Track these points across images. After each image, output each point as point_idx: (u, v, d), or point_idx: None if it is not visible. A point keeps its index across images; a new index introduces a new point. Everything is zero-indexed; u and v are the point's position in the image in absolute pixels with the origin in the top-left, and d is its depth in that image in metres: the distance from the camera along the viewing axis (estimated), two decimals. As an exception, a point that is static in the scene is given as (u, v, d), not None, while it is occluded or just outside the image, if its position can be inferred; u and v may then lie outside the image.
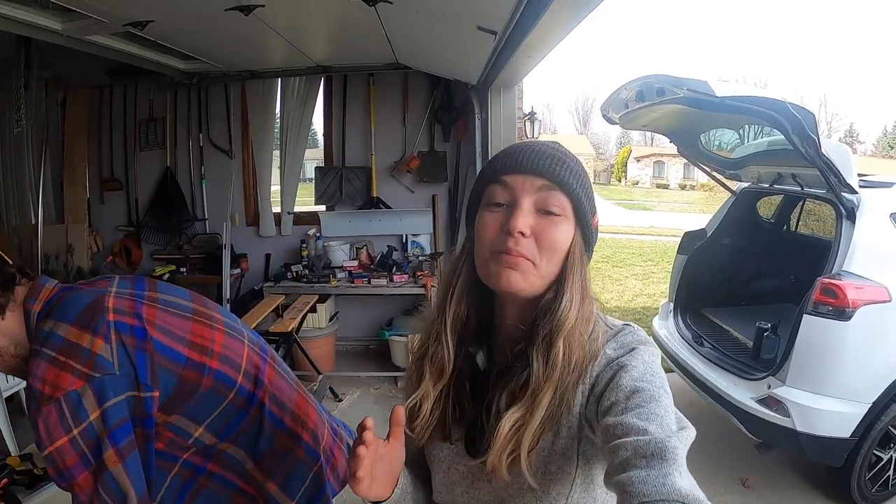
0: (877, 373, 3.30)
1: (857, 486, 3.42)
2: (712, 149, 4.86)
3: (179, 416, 1.32)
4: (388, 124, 5.75)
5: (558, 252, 0.95)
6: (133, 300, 1.30)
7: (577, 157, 0.99)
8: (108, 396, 1.17)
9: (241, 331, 1.51)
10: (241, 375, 1.40)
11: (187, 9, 3.33)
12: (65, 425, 1.14)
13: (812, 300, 3.29)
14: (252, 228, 6.01)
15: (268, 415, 1.44)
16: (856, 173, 3.48)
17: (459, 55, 4.35)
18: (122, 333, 1.22)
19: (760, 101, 3.12)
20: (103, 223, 6.00)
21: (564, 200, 0.94)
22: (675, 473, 0.72)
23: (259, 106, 5.72)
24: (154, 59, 4.73)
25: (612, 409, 0.85)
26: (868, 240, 3.41)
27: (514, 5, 2.59)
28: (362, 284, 5.26)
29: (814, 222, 5.84)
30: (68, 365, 1.16)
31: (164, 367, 1.26)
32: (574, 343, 0.93)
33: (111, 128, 5.89)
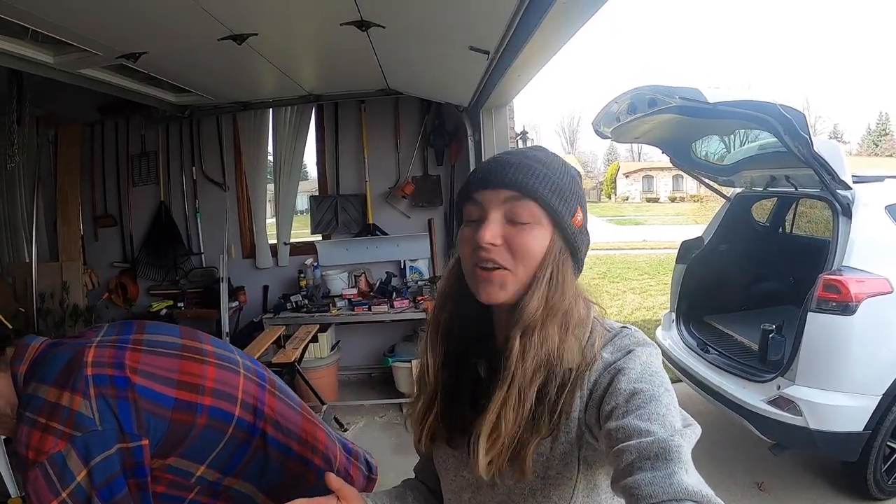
0: (885, 364, 3.31)
1: (873, 479, 3.42)
2: (705, 157, 4.92)
3: (177, 458, 1.29)
4: (380, 151, 5.77)
5: (533, 258, 0.94)
6: (115, 348, 1.28)
7: (554, 159, 0.99)
8: (94, 454, 1.15)
9: (236, 360, 1.48)
10: (239, 407, 1.37)
11: (180, 39, 3.33)
12: (53, 489, 1.13)
13: (815, 297, 3.31)
14: (249, 260, 5.99)
15: (272, 443, 1.41)
16: (849, 169, 3.52)
17: (451, 77, 4.40)
18: (100, 387, 1.20)
19: (752, 104, 3.18)
20: (98, 260, 5.99)
21: (533, 207, 0.94)
22: (680, 472, 0.72)
23: (251, 137, 5.74)
24: (146, 93, 4.72)
25: (613, 413, 0.85)
26: (865, 234, 3.45)
27: (506, 24, 2.61)
28: (363, 312, 5.24)
29: (806, 224, 5.90)
30: (50, 427, 1.15)
31: (152, 413, 1.23)
32: (537, 341, 0.91)
33: (104, 164, 5.90)
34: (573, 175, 0.99)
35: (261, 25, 3.12)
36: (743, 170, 4.63)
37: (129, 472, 1.19)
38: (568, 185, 0.96)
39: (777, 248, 5.14)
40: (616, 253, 16.26)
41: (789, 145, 3.22)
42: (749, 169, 4.58)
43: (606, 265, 13.86)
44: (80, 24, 2.96)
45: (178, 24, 3.00)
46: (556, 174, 0.96)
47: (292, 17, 3.13)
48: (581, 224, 0.98)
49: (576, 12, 2.27)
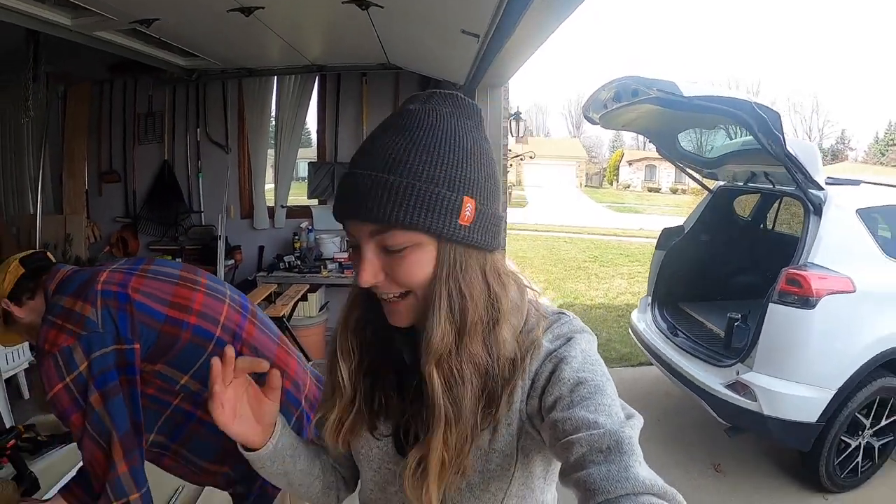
0: (842, 360, 3.46)
1: (825, 471, 3.58)
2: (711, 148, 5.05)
3: (164, 365, 1.55)
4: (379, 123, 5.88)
5: (421, 282, 0.85)
6: (124, 273, 1.57)
7: (420, 141, 0.82)
8: (94, 350, 1.41)
9: (224, 292, 1.74)
10: (220, 329, 1.62)
11: (191, 8, 3.46)
12: (59, 374, 1.40)
13: (777, 290, 3.47)
14: (246, 221, 6.19)
15: None
16: (822, 171, 3.67)
17: (447, 56, 4.52)
18: (106, 299, 1.47)
19: (727, 100, 3.30)
20: (101, 214, 6.17)
21: (402, 234, 0.82)
22: (635, 465, 0.70)
23: (256, 103, 5.89)
24: (156, 56, 4.88)
25: (558, 403, 0.82)
26: (833, 234, 3.57)
27: (493, 10, 2.75)
28: (352, 275, 5.39)
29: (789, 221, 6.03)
30: (64, 327, 1.43)
31: (145, 324, 1.50)
32: (457, 369, 0.85)
33: (111, 121, 6.06)
34: (454, 151, 0.82)
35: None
36: (726, 164, 4.76)
37: (121, 369, 1.44)
38: (444, 177, 0.81)
39: (757, 242, 5.29)
40: (611, 239, 16.50)
41: (763, 142, 3.35)
42: (732, 163, 4.71)
43: (600, 249, 14.07)
44: None
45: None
46: (422, 172, 0.80)
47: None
48: (472, 218, 0.83)
49: (554, 7, 2.40)
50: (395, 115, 0.86)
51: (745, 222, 5.53)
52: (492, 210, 0.86)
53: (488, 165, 0.87)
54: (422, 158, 0.80)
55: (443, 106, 0.86)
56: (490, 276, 0.88)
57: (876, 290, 3.54)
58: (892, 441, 3.76)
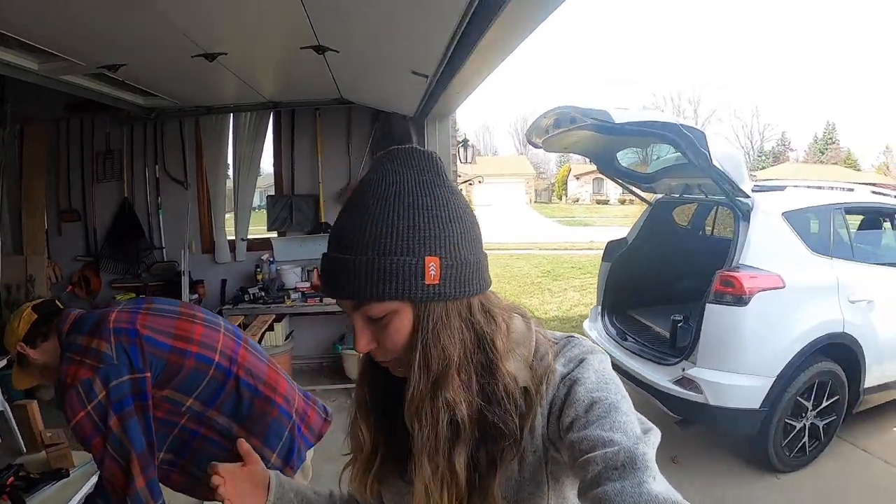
0: (777, 350, 3.79)
1: (774, 452, 3.89)
2: (634, 165, 5.40)
3: (171, 390, 1.79)
4: (333, 155, 6.12)
5: (404, 341, 0.89)
6: (131, 312, 1.81)
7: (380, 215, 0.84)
8: (111, 380, 1.65)
9: (219, 324, 2.00)
10: (218, 355, 1.87)
11: (157, 54, 3.58)
12: (82, 404, 1.63)
13: (713, 290, 3.80)
14: (208, 255, 6.25)
15: (244, 384, 1.90)
16: (748, 180, 4.02)
17: (397, 92, 4.76)
18: (118, 335, 1.72)
19: (655, 124, 3.62)
20: (62, 254, 6.13)
21: (377, 305, 0.86)
22: (649, 480, 0.72)
23: (213, 139, 6.02)
24: (117, 96, 4.97)
25: (574, 424, 0.84)
26: (761, 236, 3.92)
27: (441, 54, 3.01)
28: (315, 303, 5.58)
29: (730, 225, 6.40)
30: (83, 362, 1.67)
31: (154, 355, 1.75)
32: (431, 416, 0.87)
33: (69, 160, 6.05)
34: (409, 216, 0.84)
35: (230, 46, 3.43)
36: (663, 178, 5.11)
37: (136, 395, 1.68)
38: (400, 245, 0.83)
39: (697, 248, 5.57)
40: (563, 253, 16.92)
41: (691, 159, 3.68)
42: (668, 177, 5.06)
43: (552, 264, 14.44)
44: (67, 37, 3.18)
45: (157, 42, 3.26)
46: (379, 246, 0.83)
47: (258, 40, 3.46)
48: (439, 275, 0.85)
49: (499, 47, 2.69)
50: (356, 191, 0.90)
51: (685, 230, 5.87)
52: (460, 260, 0.87)
53: (450, 216, 0.87)
54: (378, 232, 0.83)
55: (397, 168, 0.88)
56: (477, 321, 0.91)
57: (804, 283, 3.90)
58: (836, 420, 4.10)
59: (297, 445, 1.97)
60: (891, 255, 4.78)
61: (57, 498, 2.22)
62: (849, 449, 4.32)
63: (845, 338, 3.96)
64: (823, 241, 4.17)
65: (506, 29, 2.40)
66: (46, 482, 2.29)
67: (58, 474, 2.34)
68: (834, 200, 4.44)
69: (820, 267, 4.00)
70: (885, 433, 4.58)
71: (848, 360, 4.04)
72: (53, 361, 1.78)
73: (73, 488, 2.29)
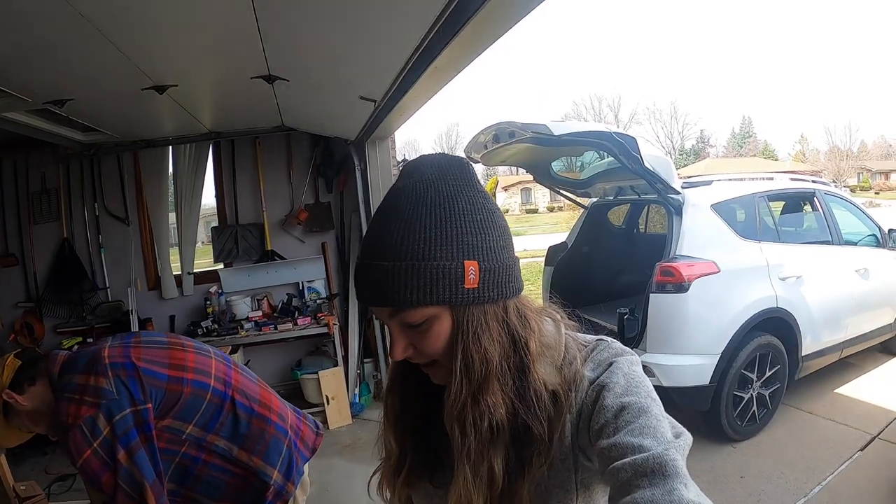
0: (719, 329, 4.12)
1: (727, 423, 4.23)
2: (568, 172, 5.68)
3: (172, 419, 1.83)
4: (275, 181, 6.15)
5: (443, 346, 0.89)
6: (122, 346, 1.84)
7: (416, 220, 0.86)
8: (115, 414, 1.68)
9: (209, 350, 2.07)
10: (213, 380, 1.93)
11: (107, 88, 3.51)
12: (87, 442, 1.65)
13: (654, 281, 4.09)
14: (154, 292, 6.12)
15: (239, 405, 1.96)
16: (677, 178, 4.31)
17: (342, 117, 4.85)
18: (115, 369, 1.75)
19: (591, 133, 3.90)
20: (1, 301, 5.86)
21: (416, 312, 0.86)
22: (680, 487, 0.71)
23: (153, 173, 5.93)
24: (56, 132, 4.82)
25: (604, 431, 0.83)
26: (694, 228, 4.25)
27: (391, 80, 3.15)
28: (270, 332, 5.61)
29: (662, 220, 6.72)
30: (83, 400, 1.69)
31: (152, 385, 1.78)
32: (474, 420, 0.87)
33: (3, 202, 5.81)
34: (446, 221, 0.86)
35: (181, 78, 3.44)
36: (596, 183, 5.42)
37: (139, 427, 1.71)
38: (440, 251, 0.84)
39: (633, 245, 5.96)
40: (500, 263, 17.05)
41: (625, 163, 3.97)
42: (601, 182, 5.37)
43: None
44: (18, 71, 3.05)
45: (107, 75, 3.20)
46: (419, 252, 0.84)
47: (210, 71, 3.49)
48: (478, 279, 0.86)
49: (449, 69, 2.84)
50: (388, 198, 0.90)
51: (621, 230, 6.21)
52: (497, 263, 0.89)
53: (486, 221, 0.89)
54: (416, 237, 0.84)
55: (429, 174, 0.89)
56: (513, 323, 0.92)
57: (736, 266, 4.25)
58: (780, 388, 4.47)
59: (295, 460, 2.04)
60: (812, 235, 5.21)
61: None
62: (795, 413, 4.73)
63: (780, 312, 4.34)
64: (751, 227, 4.54)
65: (462, 48, 2.50)
66: None
67: None
68: (757, 190, 4.82)
69: (750, 251, 4.37)
70: (826, 395, 5.04)
71: (785, 332, 4.42)
72: (44, 406, 1.77)
73: None
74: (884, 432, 4.28)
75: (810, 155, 52.94)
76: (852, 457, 4.01)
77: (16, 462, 2.63)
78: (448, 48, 2.45)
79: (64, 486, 4.41)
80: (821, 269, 4.79)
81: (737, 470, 3.98)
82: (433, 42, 2.49)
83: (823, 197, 5.31)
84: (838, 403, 4.90)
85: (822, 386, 5.16)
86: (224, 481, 1.93)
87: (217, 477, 1.92)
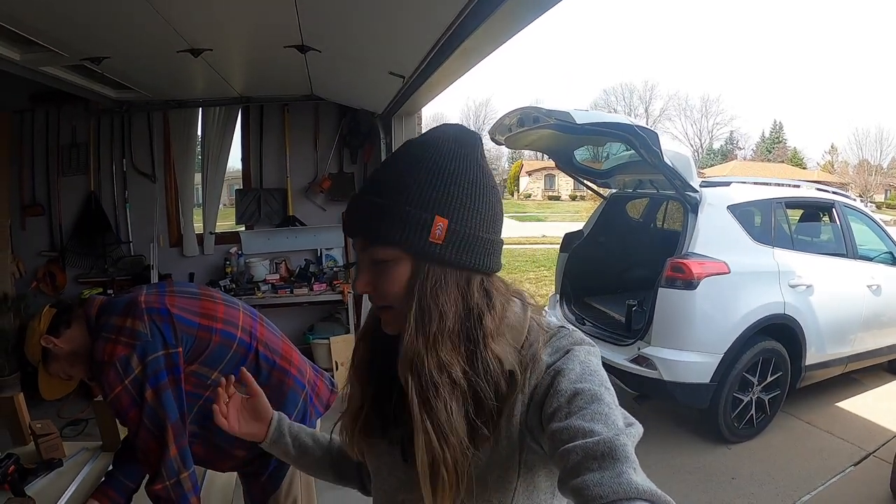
0: (724, 329, 4.15)
1: (724, 423, 4.27)
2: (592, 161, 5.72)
3: (199, 365, 1.91)
4: (301, 149, 6.24)
5: (398, 293, 0.92)
6: (158, 294, 1.92)
7: (413, 164, 0.91)
8: (148, 355, 1.76)
9: (237, 303, 2.13)
10: (240, 331, 2.00)
11: (143, 48, 3.58)
12: (119, 378, 1.73)
13: (664, 276, 4.13)
14: (175, 249, 6.25)
15: (262, 357, 2.03)
16: (696, 176, 4.33)
17: (370, 90, 4.91)
18: (152, 314, 1.82)
19: (613, 125, 3.93)
20: (26, 249, 5.97)
21: (382, 249, 0.91)
22: (629, 471, 0.71)
23: (181, 133, 6.02)
24: (87, 87, 4.87)
25: (556, 414, 0.83)
26: (708, 227, 4.27)
27: (423, 56, 3.18)
28: (286, 295, 5.74)
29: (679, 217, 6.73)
30: (119, 340, 1.76)
31: (184, 331, 1.85)
32: (428, 372, 0.89)
33: (33, 153, 5.96)
34: (434, 174, 0.90)
35: (216, 43, 3.50)
36: (617, 174, 5.45)
37: (169, 369, 1.79)
38: (417, 198, 0.89)
39: (649, 240, 5.94)
40: (516, 247, 17.17)
41: (645, 157, 4.00)
42: (622, 173, 5.40)
43: (506, 258, 14.32)
44: (56, 27, 3.13)
45: (145, 36, 3.27)
46: (399, 193, 0.89)
47: (245, 38, 3.55)
48: (444, 236, 0.89)
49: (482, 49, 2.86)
50: (397, 149, 0.97)
51: (637, 223, 6.22)
52: (471, 231, 0.91)
53: (472, 189, 0.92)
54: (403, 181, 0.89)
55: (441, 135, 0.94)
56: (473, 296, 0.93)
57: (747, 269, 4.26)
58: (780, 394, 4.50)
59: (309, 413, 2.12)
60: (827, 246, 5.19)
61: (53, 487, 2.23)
62: (793, 421, 4.75)
63: (786, 318, 4.35)
64: (765, 232, 4.56)
65: (494, 31, 2.53)
66: (40, 472, 2.30)
67: (50, 464, 2.35)
68: (775, 195, 4.83)
69: (762, 255, 4.38)
70: (827, 407, 5.05)
71: (789, 340, 4.44)
72: (80, 348, 1.85)
73: (68, 478, 2.30)
74: (879, 450, 4.29)
75: (839, 167, 52.17)
76: (845, 470, 4.04)
77: (31, 405, 2.71)
78: (479, 30, 2.48)
79: (76, 429, 4.59)
80: (832, 280, 4.78)
81: (729, 471, 4.03)
82: (465, 22, 2.51)
83: (842, 209, 5.29)
84: (838, 417, 4.91)
85: (823, 398, 5.17)
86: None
87: None
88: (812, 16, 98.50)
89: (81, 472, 2.35)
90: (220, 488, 2.32)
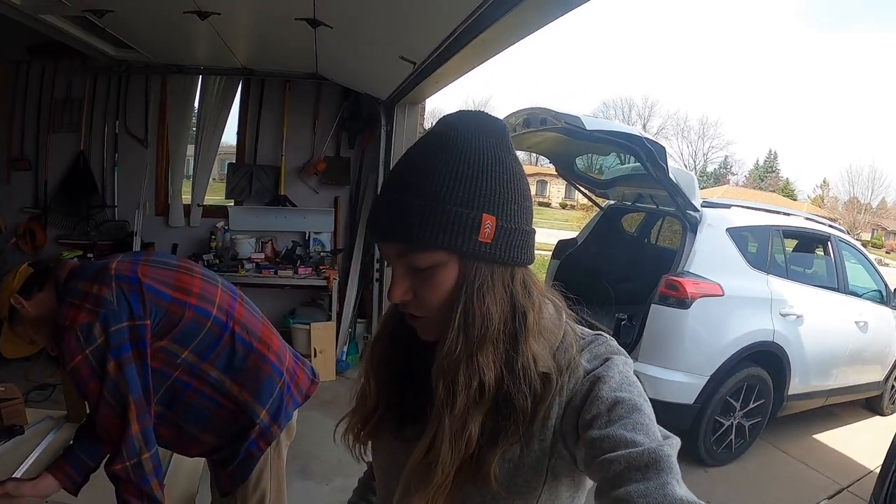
0: (713, 352, 4.13)
1: (703, 446, 4.25)
2: (589, 171, 5.67)
3: (169, 341, 1.80)
4: (298, 128, 6.11)
5: (442, 300, 0.87)
6: (131, 262, 1.81)
7: (442, 162, 0.84)
8: (111, 325, 1.65)
9: (217, 279, 2.03)
10: (216, 309, 1.90)
11: (147, 4, 3.49)
12: (80, 346, 1.62)
13: (658, 292, 4.08)
14: (161, 218, 6.12)
15: (239, 339, 1.93)
16: (699, 196, 4.29)
17: (377, 74, 4.81)
18: (120, 281, 1.72)
19: (621, 134, 3.89)
20: (8, 204, 5.82)
21: (425, 254, 0.84)
22: (673, 482, 0.70)
23: (179, 100, 5.91)
24: (88, 42, 4.73)
25: (595, 422, 0.81)
26: (706, 248, 4.24)
27: (437, 44, 3.10)
28: (269, 275, 5.62)
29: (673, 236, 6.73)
30: (83, 306, 1.66)
31: (154, 304, 1.75)
32: (463, 379, 0.85)
33: (24, 105, 5.78)
34: (473, 170, 0.84)
35: (225, 6, 3.39)
36: (617, 185, 5.40)
37: (134, 342, 1.69)
38: (462, 196, 0.83)
39: (641, 254, 5.91)
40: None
41: (650, 170, 3.95)
42: (622, 185, 5.35)
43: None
44: None
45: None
46: (440, 193, 0.82)
47: (256, 4, 3.45)
48: (493, 234, 0.84)
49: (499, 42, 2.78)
50: (420, 140, 0.89)
51: (631, 237, 6.19)
52: (515, 225, 0.87)
53: (511, 181, 0.87)
54: (441, 179, 0.82)
55: (465, 126, 0.87)
56: (517, 291, 0.89)
57: (741, 294, 4.24)
58: (761, 422, 4.48)
59: (286, 403, 2.01)
60: (820, 278, 5.19)
61: (12, 455, 2.14)
62: (771, 450, 4.74)
63: (774, 346, 4.33)
64: (761, 258, 4.53)
65: (515, 23, 2.44)
66: (0, 439, 2.22)
67: (11, 431, 2.27)
68: (773, 222, 4.81)
69: (757, 280, 4.35)
70: (804, 438, 5.05)
71: (775, 368, 4.43)
72: (47, 313, 1.76)
73: (29, 445, 2.22)
74: (853, 485, 4.29)
75: (829, 202, 52.70)
76: (819, 503, 4.03)
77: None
78: (498, 22, 2.40)
79: (43, 394, 4.48)
80: (822, 313, 4.78)
81: (704, 494, 3.97)
82: (486, 13, 2.44)
83: (838, 243, 5.31)
84: (814, 449, 4.92)
85: (801, 429, 5.17)
86: (212, 412, 1.91)
87: (205, 407, 1.90)
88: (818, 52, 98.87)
89: (43, 442, 2.25)
90: (186, 474, 2.20)
